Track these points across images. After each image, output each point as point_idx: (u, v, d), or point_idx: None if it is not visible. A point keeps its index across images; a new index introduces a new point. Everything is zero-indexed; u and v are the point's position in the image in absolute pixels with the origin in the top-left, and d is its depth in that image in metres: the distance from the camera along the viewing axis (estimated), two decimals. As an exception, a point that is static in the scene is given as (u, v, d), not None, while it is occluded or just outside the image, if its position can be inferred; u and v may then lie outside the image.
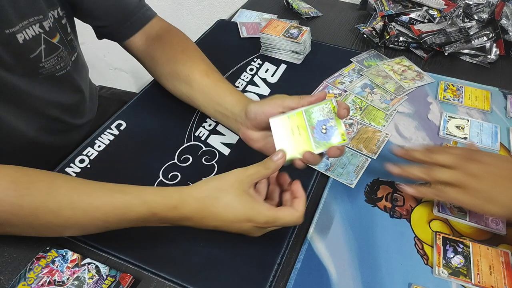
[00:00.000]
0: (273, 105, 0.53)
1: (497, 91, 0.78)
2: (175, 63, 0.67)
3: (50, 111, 0.69)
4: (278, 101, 0.53)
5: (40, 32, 0.60)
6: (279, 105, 0.52)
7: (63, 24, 0.66)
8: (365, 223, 0.56)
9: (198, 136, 0.67)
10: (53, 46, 0.63)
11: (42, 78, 0.64)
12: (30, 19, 0.58)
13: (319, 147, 0.50)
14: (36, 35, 0.60)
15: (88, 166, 0.62)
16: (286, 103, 0.52)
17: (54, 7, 0.62)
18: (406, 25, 0.91)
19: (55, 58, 0.64)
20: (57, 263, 0.48)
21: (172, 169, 0.62)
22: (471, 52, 0.87)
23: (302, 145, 0.50)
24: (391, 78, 0.80)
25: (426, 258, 0.52)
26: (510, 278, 0.49)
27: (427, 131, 0.70)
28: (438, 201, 0.58)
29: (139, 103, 0.74)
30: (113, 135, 0.67)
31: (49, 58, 0.63)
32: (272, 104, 0.53)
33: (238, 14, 1.02)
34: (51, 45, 0.63)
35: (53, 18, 0.62)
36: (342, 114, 0.49)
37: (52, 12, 0.62)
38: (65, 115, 0.73)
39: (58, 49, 0.64)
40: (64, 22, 0.66)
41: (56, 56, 0.64)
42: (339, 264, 0.51)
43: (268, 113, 0.53)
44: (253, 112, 0.55)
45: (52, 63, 0.64)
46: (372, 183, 0.61)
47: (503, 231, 0.55)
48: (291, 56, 0.85)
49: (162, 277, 0.49)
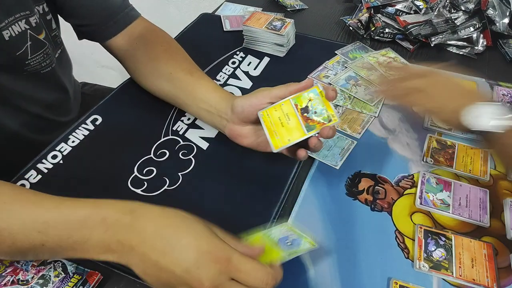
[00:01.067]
0: (260, 97, 0.52)
1: (484, 82, 0.76)
2: (157, 62, 0.66)
3: (33, 108, 0.68)
4: (264, 93, 0.52)
5: (26, 29, 0.59)
6: (266, 96, 0.52)
7: (48, 20, 0.65)
8: (345, 216, 0.54)
9: (176, 131, 0.65)
10: (39, 43, 0.62)
11: (26, 75, 0.63)
12: (17, 15, 0.57)
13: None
14: (22, 31, 0.59)
15: (60, 162, 0.60)
16: (273, 93, 0.52)
17: (40, 2, 0.62)
18: (392, 16, 0.89)
19: (41, 55, 0.63)
20: (22, 262, 0.46)
21: (147, 164, 0.60)
22: (458, 43, 0.86)
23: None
24: (376, 70, 0.79)
25: (407, 252, 0.50)
26: (492, 270, 0.48)
27: (411, 122, 0.68)
28: (420, 193, 0.56)
29: (117, 98, 0.72)
30: (88, 130, 0.65)
31: (35, 55, 0.62)
32: (259, 96, 0.53)
33: (222, 7, 1.00)
34: (37, 41, 0.62)
35: (38, 14, 0.61)
36: (330, 96, 0.50)
37: (38, 7, 0.61)
38: (49, 112, 0.72)
39: (44, 46, 0.63)
40: (49, 18, 0.65)
41: (42, 53, 0.63)
42: (317, 259, 0.49)
43: (255, 106, 0.52)
44: (240, 106, 0.54)
45: (38, 61, 0.63)
46: (354, 176, 0.59)
47: (487, 223, 0.53)
48: (274, 49, 0.83)
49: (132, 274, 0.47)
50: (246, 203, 0.56)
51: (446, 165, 0.60)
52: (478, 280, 0.47)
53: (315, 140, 0.49)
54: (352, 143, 0.64)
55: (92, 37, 0.71)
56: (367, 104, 0.71)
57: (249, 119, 0.54)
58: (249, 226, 0.50)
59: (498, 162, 0.61)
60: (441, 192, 0.56)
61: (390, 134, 0.66)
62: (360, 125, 0.67)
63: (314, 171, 0.60)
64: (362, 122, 0.68)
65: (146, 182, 0.57)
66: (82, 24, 0.69)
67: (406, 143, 0.64)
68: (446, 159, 0.61)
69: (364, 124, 0.68)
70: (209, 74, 0.77)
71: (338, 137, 0.65)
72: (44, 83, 0.68)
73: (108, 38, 0.69)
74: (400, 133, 0.66)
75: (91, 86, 0.97)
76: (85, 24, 0.68)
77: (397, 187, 0.58)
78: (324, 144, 0.63)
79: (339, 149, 0.63)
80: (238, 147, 0.58)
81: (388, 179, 0.59)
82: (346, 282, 0.47)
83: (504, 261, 0.49)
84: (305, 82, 0.50)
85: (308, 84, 0.51)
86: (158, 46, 0.67)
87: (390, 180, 0.58)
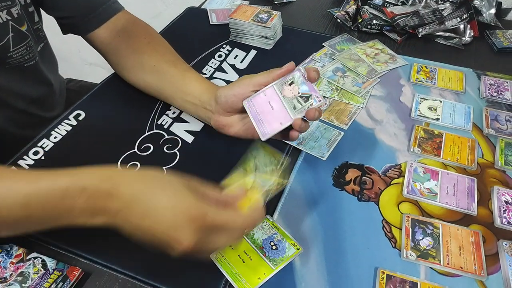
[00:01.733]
0: (242, 85, 0.52)
1: (471, 72, 0.76)
2: (141, 55, 0.65)
3: (17, 103, 0.68)
4: (246, 81, 0.52)
5: (7, 19, 0.58)
6: (249, 84, 0.52)
7: (30, 12, 0.64)
8: (332, 207, 0.53)
9: (160, 125, 0.64)
10: (22, 35, 0.61)
11: (9, 68, 0.62)
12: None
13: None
14: (4, 22, 0.58)
15: (42, 158, 0.59)
16: (255, 80, 0.51)
17: None
18: (379, 8, 0.89)
19: (24, 48, 0.62)
20: (0, 259, 0.44)
21: (131, 158, 0.59)
22: (445, 34, 0.85)
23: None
24: (363, 61, 0.78)
25: (394, 241, 0.50)
26: (480, 258, 0.47)
27: (398, 113, 0.67)
28: (408, 183, 0.56)
29: (100, 93, 0.71)
30: (70, 125, 0.64)
31: (18, 48, 0.61)
32: (241, 85, 0.52)
33: (208, 0, 0.99)
34: (19, 33, 0.61)
35: (20, 4, 0.60)
36: (312, 77, 0.49)
37: None
38: (34, 107, 0.71)
39: (27, 38, 0.63)
40: (31, 10, 0.65)
41: (25, 45, 0.62)
42: (303, 251, 0.48)
43: (238, 94, 0.52)
44: (223, 96, 0.53)
45: (20, 53, 0.62)
46: (341, 166, 0.59)
47: (474, 211, 0.53)
48: (261, 41, 0.83)
49: (114, 269, 0.46)
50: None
51: (434, 154, 0.60)
52: (465, 268, 0.46)
53: (300, 121, 0.49)
54: (339, 134, 0.63)
55: (74, 30, 0.69)
56: (354, 95, 0.71)
57: (234, 109, 0.53)
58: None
59: (486, 151, 0.61)
60: (429, 181, 0.56)
61: (377, 125, 0.65)
62: (347, 116, 0.67)
63: (300, 163, 0.59)
64: (349, 113, 0.67)
65: (129, 176, 0.56)
66: (63, 16, 0.68)
67: (393, 133, 0.64)
68: (434, 149, 0.61)
69: (352, 115, 0.67)
70: (196, 67, 0.76)
71: (325, 128, 0.64)
72: (28, 77, 0.67)
73: (90, 30, 0.68)
74: (387, 124, 0.66)
75: (77, 82, 0.96)
76: (66, 16, 0.67)
77: (384, 177, 0.57)
78: (311, 136, 0.62)
79: (326, 140, 0.62)
80: (223, 140, 0.58)
81: (376, 169, 0.58)
82: (333, 273, 0.46)
83: (491, 249, 0.49)
84: (286, 67, 0.50)
85: (290, 68, 0.50)
86: (141, 39, 0.66)
87: (377, 170, 0.58)
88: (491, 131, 0.64)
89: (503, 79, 0.74)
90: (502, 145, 0.61)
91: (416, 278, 0.46)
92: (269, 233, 0.49)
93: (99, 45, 0.70)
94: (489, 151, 0.61)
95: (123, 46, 0.67)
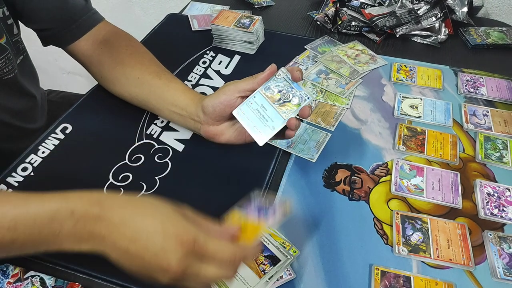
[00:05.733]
0: (227, 92, 0.52)
1: (448, 69, 0.79)
2: (124, 67, 0.65)
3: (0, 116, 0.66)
4: (231, 87, 0.52)
5: None
6: (234, 91, 0.52)
7: (9, 24, 0.63)
8: (324, 208, 0.55)
9: (150, 134, 0.64)
10: (1, 47, 0.60)
11: None
12: None
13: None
14: None
15: (31, 174, 0.58)
16: (240, 86, 0.52)
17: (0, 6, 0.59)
18: (357, 9, 0.91)
19: (3, 61, 0.61)
20: (-4, 280, 0.44)
21: (123, 170, 0.59)
22: (422, 33, 0.88)
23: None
24: (345, 62, 0.80)
25: (386, 238, 0.51)
26: (467, 249, 0.50)
27: (382, 112, 0.70)
28: (395, 180, 0.58)
29: (86, 104, 0.70)
30: (58, 139, 0.63)
31: None
32: (226, 92, 0.53)
33: (189, 7, 0.99)
34: None
35: None
36: (296, 76, 0.50)
37: None
38: (17, 120, 0.70)
39: (6, 51, 0.61)
40: (10, 22, 0.63)
41: (3, 58, 0.61)
42: (299, 252, 0.50)
43: (225, 102, 0.52)
44: (210, 106, 0.53)
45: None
46: (330, 167, 0.60)
47: (459, 204, 0.55)
48: (244, 46, 0.83)
49: (114, 283, 0.46)
50: (225, 202, 0.55)
51: (418, 151, 0.62)
52: (454, 260, 0.49)
53: (294, 120, 0.50)
54: (327, 136, 0.65)
55: (55, 42, 0.69)
56: (339, 96, 0.72)
57: (222, 117, 0.54)
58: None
59: (467, 145, 0.63)
60: (415, 178, 0.58)
61: (362, 125, 0.67)
62: (333, 117, 0.68)
63: (291, 166, 0.60)
64: (335, 114, 0.69)
65: (122, 188, 0.56)
66: (43, 28, 0.67)
67: (378, 132, 0.66)
68: (418, 145, 0.63)
69: (337, 116, 0.69)
70: (180, 75, 0.77)
71: (312, 131, 0.65)
72: (8, 90, 0.66)
73: (70, 42, 0.67)
74: (372, 123, 0.68)
75: (57, 93, 0.94)
76: (46, 28, 0.66)
77: (372, 175, 0.59)
78: (299, 138, 0.64)
79: (315, 142, 0.64)
80: (213, 147, 0.58)
81: (364, 168, 0.60)
82: (330, 272, 0.48)
83: (477, 240, 0.51)
84: (268, 69, 0.51)
85: (272, 70, 0.51)
86: (123, 50, 0.66)
87: (365, 170, 0.60)
88: (471, 126, 0.66)
89: (478, 75, 0.77)
90: (481, 139, 0.64)
91: (409, 273, 0.47)
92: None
93: (80, 57, 0.70)
94: (470, 145, 0.63)
95: (105, 58, 0.67)
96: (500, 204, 0.55)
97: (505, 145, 0.63)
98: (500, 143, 0.63)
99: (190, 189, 0.57)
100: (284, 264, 0.47)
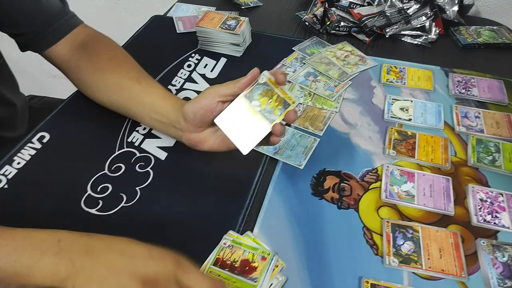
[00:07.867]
0: (208, 96, 0.50)
1: (439, 70, 0.78)
2: (103, 72, 0.62)
3: None
4: (211, 91, 0.50)
5: None
6: (214, 95, 0.50)
7: None
8: (312, 217, 0.53)
9: (131, 142, 0.62)
10: None
11: None
12: None
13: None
14: None
15: (5, 186, 0.55)
16: (221, 91, 0.49)
17: None
18: (346, 9, 0.89)
19: None
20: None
21: (102, 180, 0.56)
22: (412, 33, 0.86)
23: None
24: (334, 64, 0.78)
25: (376, 248, 0.49)
26: (460, 259, 0.48)
27: (371, 115, 0.68)
28: (385, 187, 0.56)
29: (65, 112, 0.68)
30: (34, 149, 0.60)
31: None
32: (207, 96, 0.50)
33: (174, 8, 0.96)
34: None
35: None
36: (280, 80, 0.48)
37: None
38: None
39: None
40: None
41: None
42: (286, 262, 0.47)
43: (205, 107, 0.50)
44: (191, 112, 0.51)
45: None
46: (318, 174, 0.58)
47: (451, 211, 0.53)
48: (231, 48, 0.81)
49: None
50: (210, 212, 0.53)
51: (408, 156, 0.60)
52: (447, 270, 0.47)
53: (279, 126, 0.48)
54: (315, 141, 0.63)
55: (31, 47, 0.66)
56: (327, 99, 0.70)
57: (204, 123, 0.52)
58: (215, 237, 0.49)
59: (458, 149, 0.62)
60: (405, 184, 0.56)
61: (352, 129, 0.65)
62: (322, 121, 0.66)
63: (278, 173, 0.58)
64: (323, 118, 0.67)
65: (101, 200, 0.54)
66: (18, 33, 0.64)
67: (368, 137, 0.64)
68: (408, 150, 0.61)
69: (326, 120, 0.67)
70: (164, 79, 0.74)
71: (300, 136, 0.63)
72: None
73: (47, 47, 0.65)
74: (362, 127, 0.66)
75: (40, 99, 0.91)
76: (21, 32, 0.64)
77: (362, 182, 0.57)
78: (287, 144, 0.62)
79: (302, 148, 0.61)
80: (197, 155, 0.56)
81: (353, 174, 0.58)
82: (317, 285, 0.46)
83: (470, 248, 0.49)
84: (251, 73, 0.48)
85: (254, 75, 0.48)
86: (102, 55, 0.63)
87: (355, 176, 0.58)
88: (462, 128, 0.65)
89: (469, 76, 0.75)
90: (473, 142, 0.62)
91: (400, 285, 0.45)
92: None
93: (58, 62, 0.67)
94: (461, 149, 0.62)
95: (83, 63, 0.64)
96: (493, 210, 0.53)
97: (498, 148, 0.61)
98: (493, 146, 0.62)
99: (173, 199, 0.55)
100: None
